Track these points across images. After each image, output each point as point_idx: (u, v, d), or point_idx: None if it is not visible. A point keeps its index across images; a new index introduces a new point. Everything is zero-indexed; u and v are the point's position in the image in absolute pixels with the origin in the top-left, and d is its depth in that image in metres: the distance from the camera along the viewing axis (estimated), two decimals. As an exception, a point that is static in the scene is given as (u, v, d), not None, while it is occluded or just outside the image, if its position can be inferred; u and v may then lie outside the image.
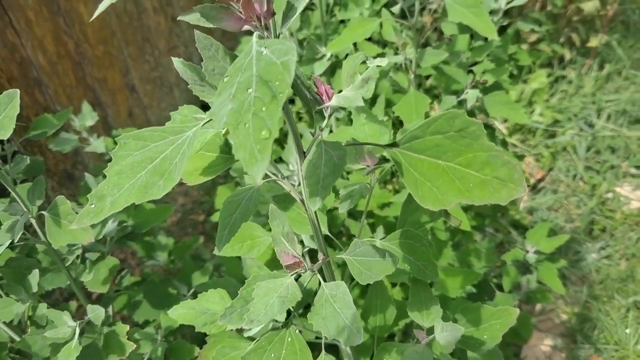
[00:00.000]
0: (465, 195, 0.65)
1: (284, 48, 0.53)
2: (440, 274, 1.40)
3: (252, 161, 0.49)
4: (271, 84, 0.52)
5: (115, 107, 2.39)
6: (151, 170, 0.63)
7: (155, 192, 0.62)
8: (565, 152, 2.89)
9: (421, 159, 0.69)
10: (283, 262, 0.74)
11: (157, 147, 0.65)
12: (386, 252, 0.76)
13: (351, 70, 0.66)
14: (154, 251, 1.85)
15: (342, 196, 0.89)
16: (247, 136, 0.50)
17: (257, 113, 0.51)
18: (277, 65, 0.52)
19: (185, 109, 0.78)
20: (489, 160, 0.64)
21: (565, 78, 3.14)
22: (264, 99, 0.51)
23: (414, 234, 0.89)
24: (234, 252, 1.04)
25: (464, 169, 0.66)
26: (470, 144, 0.65)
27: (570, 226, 2.60)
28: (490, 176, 0.64)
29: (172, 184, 0.62)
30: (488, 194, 0.64)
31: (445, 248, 1.62)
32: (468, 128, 0.65)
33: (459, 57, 1.51)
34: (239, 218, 0.77)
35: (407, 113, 1.41)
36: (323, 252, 0.84)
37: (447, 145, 0.67)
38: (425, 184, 0.68)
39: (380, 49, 1.56)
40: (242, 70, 0.55)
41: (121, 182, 0.64)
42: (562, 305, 2.32)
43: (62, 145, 1.72)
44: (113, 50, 2.28)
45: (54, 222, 1.01)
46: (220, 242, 0.77)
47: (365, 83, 0.65)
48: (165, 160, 0.64)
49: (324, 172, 0.66)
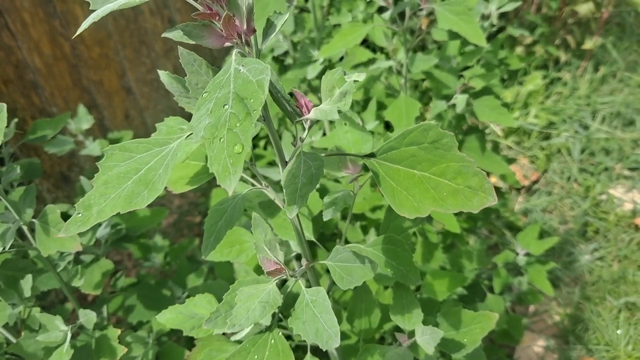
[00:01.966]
0: (439, 203, 0.68)
1: (260, 67, 0.56)
2: (428, 277, 1.43)
3: (225, 174, 0.52)
4: (246, 101, 0.55)
5: (111, 109, 2.42)
6: (136, 180, 0.66)
7: (140, 202, 0.65)
8: (559, 154, 2.92)
9: (397, 168, 0.72)
10: (265, 268, 0.77)
11: (142, 158, 0.68)
12: (366, 258, 0.79)
13: (330, 85, 0.69)
14: (150, 253, 1.88)
15: (326, 203, 0.92)
16: (222, 150, 0.53)
17: (232, 128, 0.54)
18: (252, 83, 0.55)
19: (170, 120, 0.81)
20: (461, 170, 0.67)
21: (561, 80, 3.17)
22: (239, 115, 0.54)
23: (396, 240, 0.92)
24: (222, 257, 1.06)
25: (438, 179, 0.69)
26: (443, 155, 0.68)
27: (564, 228, 2.63)
28: (463, 185, 0.67)
29: (156, 193, 0.65)
30: (461, 202, 0.67)
31: (436, 251, 1.64)
32: (441, 140, 0.68)
33: (449, 62, 1.54)
34: (224, 225, 0.80)
35: (397, 118, 1.43)
36: (307, 257, 0.87)
37: (421, 155, 0.70)
38: (401, 192, 0.71)
39: (372, 54, 1.59)
40: (221, 87, 0.58)
41: (107, 191, 0.67)
42: (555, 307, 2.35)
43: (58, 148, 1.75)
44: (109, 52, 2.31)
45: (43, 230, 1.04)
46: (206, 249, 0.80)
47: (343, 97, 0.67)
48: (149, 171, 0.67)
49: (302, 182, 0.69)
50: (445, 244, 1.81)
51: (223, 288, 1.14)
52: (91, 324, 1.13)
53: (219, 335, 0.98)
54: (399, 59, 1.49)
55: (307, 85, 1.98)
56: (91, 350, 1.14)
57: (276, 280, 0.78)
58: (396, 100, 1.44)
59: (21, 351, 1.09)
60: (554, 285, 2.42)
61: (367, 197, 1.63)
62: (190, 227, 2.70)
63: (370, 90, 1.58)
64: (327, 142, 1.46)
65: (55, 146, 1.75)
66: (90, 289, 1.26)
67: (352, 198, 0.94)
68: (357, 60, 1.58)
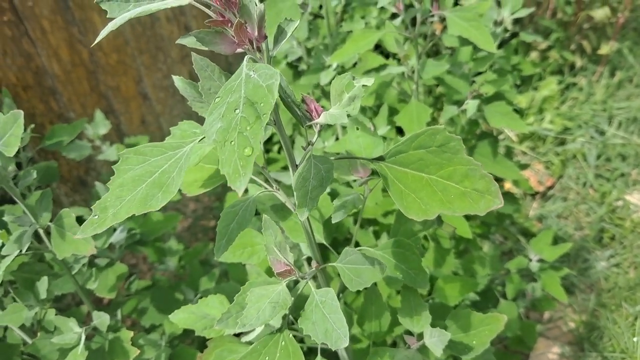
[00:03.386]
0: (446, 206, 0.70)
1: (270, 72, 0.58)
2: (440, 281, 1.43)
3: (236, 176, 0.54)
4: (257, 105, 0.57)
5: (128, 114, 2.46)
6: (150, 183, 0.69)
7: (154, 204, 0.67)
8: (575, 160, 2.91)
9: (406, 172, 0.73)
10: (275, 270, 0.78)
11: (156, 161, 0.70)
12: (375, 260, 0.81)
13: (339, 89, 0.70)
14: (165, 256, 1.91)
15: (336, 207, 0.93)
16: (232, 153, 0.55)
17: (242, 132, 0.56)
18: (262, 88, 0.57)
19: (184, 124, 0.83)
20: (468, 174, 0.69)
21: (576, 85, 3.16)
22: (249, 119, 0.56)
23: (405, 243, 0.93)
24: (234, 259, 1.08)
25: (446, 182, 0.70)
26: (450, 158, 0.70)
27: (580, 234, 2.62)
28: (470, 188, 0.68)
29: (170, 196, 0.68)
30: (468, 204, 0.69)
31: (448, 256, 1.65)
32: (449, 143, 0.70)
33: (461, 68, 1.55)
34: (236, 227, 0.82)
35: (408, 123, 1.45)
36: (317, 259, 0.89)
37: (429, 159, 0.71)
38: (409, 195, 0.72)
39: (384, 60, 1.61)
40: (232, 92, 0.60)
41: (123, 194, 0.69)
42: (570, 313, 2.34)
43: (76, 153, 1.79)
44: (126, 58, 2.35)
45: (59, 233, 1.07)
46: (218, 251, 0.82)
47: (352, 101, 0.69)
48: (163, 174, 0.69)
49: (312, 185, 0.71)
50: (458, 250, 1.82)
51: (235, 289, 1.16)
52: (105, 326, 1.15)
53: (230, 337, 1.00)
54: (411, 64, 1.51)
55: (320, 91, 2.00)
56: (105, 352, 1.17)
57: (286, 282, 0.80)
58: (407, 105, 1.45)
59: (37, 352, 1.12)
60: (569, 292, 2.41)
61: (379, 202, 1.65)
62: (205, 231, 2.73)
63: (382, 96, 1.60)
64: (339, 147, 1.47)
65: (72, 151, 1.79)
66: (105, 292, 1.29)
67: (362, 201, 0.96)
68: (369, 66, 1.60)
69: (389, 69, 1.53)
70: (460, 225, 1.50)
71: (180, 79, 0.82)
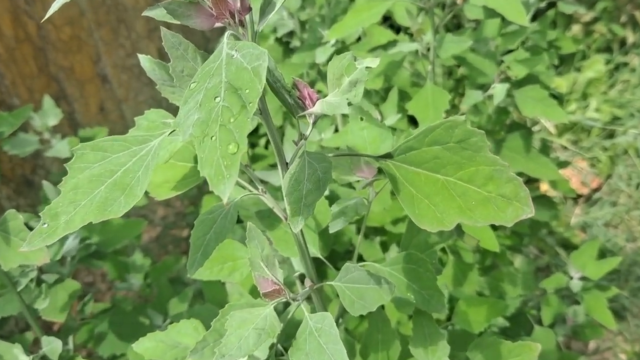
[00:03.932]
0: (466, 214, 0.70)
1: (256, 52, 0.58)
2: (462, 304, 1.44)
3: (219, 179, 0.55)
4: (241, 92, 0.57)
5: (83, 100, 2.47)
6: (111, 185, 0.69)
7: (115, 210, 0.68)
8: (626, 156, 2.92)
9: (417, 172, 0.74)
10: (261, 289, 0.79)
11: (118, 158, 0.71)
12: (381, 278, 0.81)
13: (338, 72, 0.71)
14: (127, 272, 1.91)
15: (335, 213, 0.94)
16: (214, 150, 0.56)
17: (225, 124, 0.56)
18: (247, 71, 0.58)
19: (152, 113, 0.84)
20: (493, 175, 0.69)
21: (628, 66, 3.17)
22: (232, 109, 0.57)
23: (418, 258, 0.94)
24: (212, 276, 1.09)
25: (466, 185, 0.71)
26: (472, 157, 0.70)
27: (632, 246, 2.63)
28: (495, 193, 0.69)
29: (135, 200, 0.68)
30: (492, 213, 0.69)
31: (471, 272, 1.65)
32: (470, 138, 0.70)
33: (486, 45, 1.56)
34: (213, 238, 0.82)
35: (423, 111, 1.45)
36: (311, 277, 0.90)
37: (446, 157, 0.72)
38: (422, 201, 0.73)
39: (394, 35, 1.62)
40: (211, 75, 0.61)
41: (77, 198, 0.70)
42: (621, 343, 2.35)
43: (20, 148, 1.79)
44: (82, 33, 2.36)
45: (4, 240, 1.07)
46: (192, 266, 0.83)
47: (353, 87, 0.70)
48: (127, 174, 0.69)
49: (307, 188, 0.72)
50: (483, 265, 1.82)
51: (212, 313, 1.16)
52: (56, 354, 1.16)
53: (208, 370, 1.00)
54: (426, 40, 1.52)
55: (316, 72, 2.01)
56: (56, 385, 1.17)
57: (274, 304, 0.81)
58: (422, 90, 1.46)
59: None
60: (619, 316, 2.42)
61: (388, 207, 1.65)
62: (176, 242, 2.74)
63: (391, 78, 1.61)
64: (339, 140, 1.48)
65: (15, 146, 1.79)
66: (54, 314, 1.29)
67: (366, 206, 0.96)
68: (375, 42, 1.61)
69: (399, 46, 1.54)
70: (485, 236, 1.50)
71: (148, 58, 0.83)
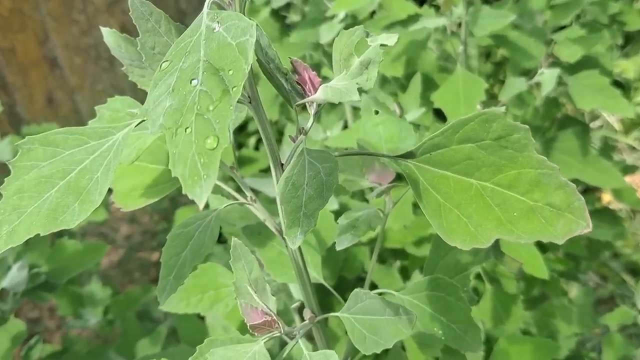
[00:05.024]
0: (506, 228, 0.71)
1: (242, 25, 0.59)
2: (503, 342, 1.44)
3: (194, 180, 0.55)
4: (223, 73, 0.58)
5: (27, 90, 2.48)
6: (64, 188, 0.70)
7: (68, 219, 0.69)
8: None
9: (446, 175, 0.75)
10: (248, 321, 0.80)
11: (72, 155, 0.72)
12: (400, 307, 0.82)
13: (345, 51, 0.72)
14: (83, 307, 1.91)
15: (342, 227, 0.95)
16: (189, 145, 0.57)
17: (203, 114, 0.57)
18: (231, 47, 0.59)
19: (116, 101, 0.85)
20: (540, 180, 0.70)
21: None
22: (212, 94, 0.58)
23: (447, 284, 0.94)
24: (189, 308, 1.10)
25: (505, 191, 0.72)
26: (513, 157, 0.71)
27: None
28: (542, 202, 0.70)
29: (92, 206, 0.69)
30: (538, 227, 0.70)
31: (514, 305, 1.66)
32: (511, 135, 0.71)
33: (532, 20, 1.56)
34: (189, 258, 0.83)
35: (452, 103, 1.46)
36: (312, 308, 0.91)
37: (481, 158, 0.73)
38: (451, 211, 0.74)
39: (416, 8, 1.62)
40: (187, 53, 0.62)
41: (23, 204, 0.70)
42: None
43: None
44: (25, 6, 2.38)
45: None
46: (163, 293, 0.84)
47: (365, 69, 0.71)
48: (83, 175, 0.70)
49: (307, 194, 0.72)
50: (529, 296, 1.83)
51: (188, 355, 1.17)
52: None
53: None
54: (457, 15, 1.52)
55: (321, 53, 2.02)
56: None
57: (266, 339, 0.82)
58: (451, 76, 1.47)
59: None
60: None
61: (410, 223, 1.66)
62: (144, 268, 2.74)
63: (413, 62, 1.62)
64: (348, 138, 1.49)
65: (-59, 145, 1.80)
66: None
67: (382, 220, 0.97)
68: (393, 16, 1.62)
69: (423, 22, 1.55)
70: (531, 259, 1.51)
71: (112, 32, 0.84)
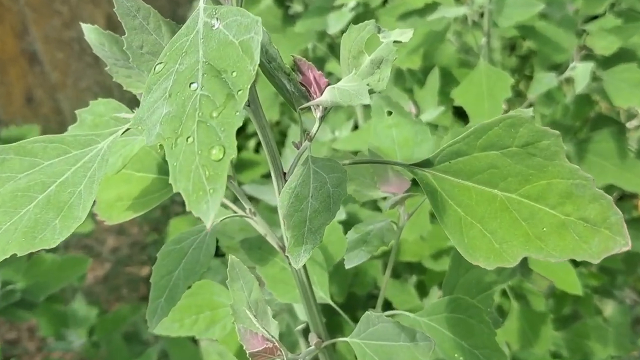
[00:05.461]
0: (535, 245, 0.70)
1: (245, 22, 0.59)
2: (532, 367, 1.44)
3: (199, 194, 0.54)
4: (226, 75, 0.58)
5: (4, 88, 2.48)
6: (43, 202, 0.70)
7: (48, 238, 0.68)
8: None
9: (467, 186, 0.74)
10: (247, 347, 0.79)
11: (52, 166, 0.71)
12: (416, 332, 0.81)
13: (355, 48, 0.72)
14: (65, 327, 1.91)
15: (351, 241, 0.94)
16: (191, 156, 0.56)
17: (206, 121, 0.56)
18: (234, 46, 0.58)
19: (99, 104, 0.85)
20: (572, 192, 0.69)
21: None
22: (215, 99, 0.57)
23: (468, 305, 0.94)
24: (182, 330, 1.09)
25: (534, 204, 0.71)
26: (542, 166, 0.70)
27: None
28: (574, 216, 0.69)
29: (75, 223, 0.69)
30: (571, 244, 0.69)
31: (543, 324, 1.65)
32: (539, 141, 0.70)
33: (562, 9, 1.56)
34: (182, 278, 0.83)
35: (475, 101, 1.45)
36: (319, 332, 0.90)
37: (507, 166, 0.72)
38: (473, 226, 0.73)
39: (434, -5, 1.62)
40: (183, 54, 0.61)
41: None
42: None
43: None
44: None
45: None
46: (153, 316, 0.83)
47: (377, 68, 0.70)
48: (64, 188, 0.70)
49: (312, 208, 0.72)
50: (559, 315, 1.82)
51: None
52: None
53: None
54: (479, 3, 1.52)
55: (326, 46, 2.01)
56: None
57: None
58: (473, 71, 1.46)
59: None
60: None
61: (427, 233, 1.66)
62: (133, 284, 2.74)
63: (431, 56, 1.61)
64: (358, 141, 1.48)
65: None
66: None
67: (396, 233, 0.96)
68: (409, 5, 1.61)
69: (441, 11, 1.54)
70: (562, 273, 1.50)
71: (94, 28, 0.83)
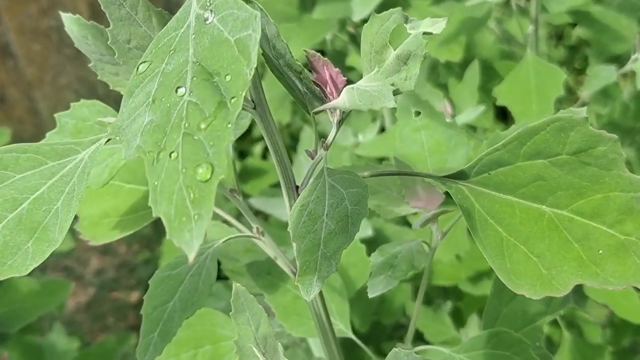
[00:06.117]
0: (589, 270, 0.70)
1: (243, 16, 0.58)
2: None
3: (181, 220, 0.53)
4: (218, 78, 0.57)
5: (-28, 84, 2.50)
6: (14, 223, 0.69)
7: (19, 264, 0.68)
8: None
9: (510, 202, 0.74)
10: (254, 389, 0.79)
11: (25, 180, 0.71)
12: (451, 372, 0.81)
13: (378, 42, 0.71)
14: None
15: (376, 265, 0.93)
16: (174, 175, 0.55)
17: (192, 133, 0.55)
18: (229, 44, 0.58)
19: (82, 107, 0.84)
20: (633, 207, 0.69)
21: None
22: (204, 107, 0.56)
23: (513, 341, 0.93)
24: (180, 367, 1.09)
25: (588, 222, 0.70)
26: (598, 177, 0.70)
27: None
28: (635, 236, 0.69)
29: (50, 247, 0.68)
30: (632, 269, 0.69)
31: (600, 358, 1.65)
32: (594, 148, 0.70)
33: (622, -7, 1.55)
34: (179, 309, 0.82)
35: (521, 100, 1.44)
36: (336, 370, 0.90)
37: (556, 178, 0.71)
38: (517, 248, 0.73)
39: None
40: (171, 51, 0.61)
41: (-38, 243, 0.70)
42: None
43: None
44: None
45: None
46: (145, 353, 0.83)
47: (404, 64, 0.70)
48: (38, 205, 0.70)
49: (327, 229, 0.71)
50: (618, 346, 1.81)
51: None
52: None
53: None
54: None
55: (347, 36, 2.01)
56: None
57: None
58: (518, 65, 1.46)
59: None
60: None
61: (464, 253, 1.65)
62: (120, 311, 2.75)
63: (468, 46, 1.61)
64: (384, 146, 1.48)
65: None
66: None
67: (428, 255, 0.96)
68: (444, -12, 1.61)
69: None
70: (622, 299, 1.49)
71: (76, 19, 0.83)
